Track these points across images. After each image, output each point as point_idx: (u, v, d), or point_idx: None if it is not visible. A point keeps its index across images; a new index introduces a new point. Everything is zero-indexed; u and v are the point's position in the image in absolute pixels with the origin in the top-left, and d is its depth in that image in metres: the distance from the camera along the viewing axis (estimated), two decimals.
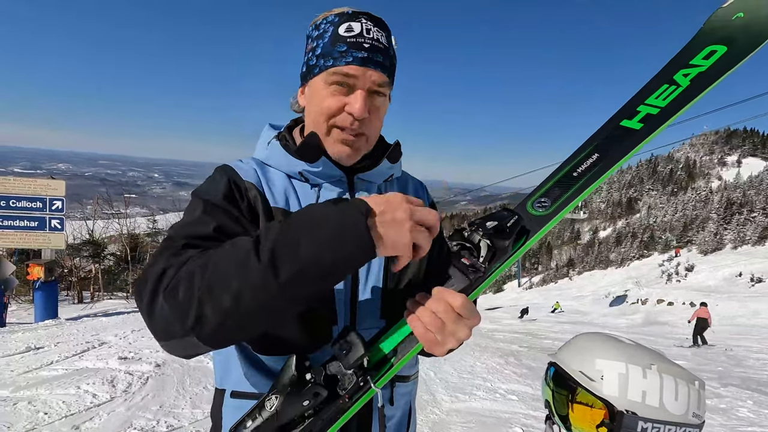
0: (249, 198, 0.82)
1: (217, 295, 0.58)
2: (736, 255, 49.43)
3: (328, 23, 0.82)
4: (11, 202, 8.56)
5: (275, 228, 0.61)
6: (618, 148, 0.78)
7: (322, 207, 0.62)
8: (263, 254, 0.58)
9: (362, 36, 0.80)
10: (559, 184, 0.79)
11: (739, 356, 10.17)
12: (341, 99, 0.81)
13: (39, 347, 5.37)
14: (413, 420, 1.01)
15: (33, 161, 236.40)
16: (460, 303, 0.65)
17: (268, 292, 0.58)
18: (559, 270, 70.11)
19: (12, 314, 9.89)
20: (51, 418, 3.30)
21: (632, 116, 0.80)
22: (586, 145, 0.81)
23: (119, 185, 32.93)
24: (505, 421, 3.96)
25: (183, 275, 0.61)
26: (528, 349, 8.28)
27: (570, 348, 1.09)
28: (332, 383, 0.70)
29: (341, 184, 0.90)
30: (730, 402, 5.13)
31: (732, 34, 0.80)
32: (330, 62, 0.80)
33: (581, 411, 1.00)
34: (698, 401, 0.96)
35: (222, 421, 0.87)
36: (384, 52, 0.82)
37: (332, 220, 0.59)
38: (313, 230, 0.59)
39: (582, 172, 0.78)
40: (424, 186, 1.08)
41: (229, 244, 0.63)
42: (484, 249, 0.70)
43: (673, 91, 0.79)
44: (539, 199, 0.79)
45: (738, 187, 69.78)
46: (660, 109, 0.78)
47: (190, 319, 0.59)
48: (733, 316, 23.55)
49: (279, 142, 0.90)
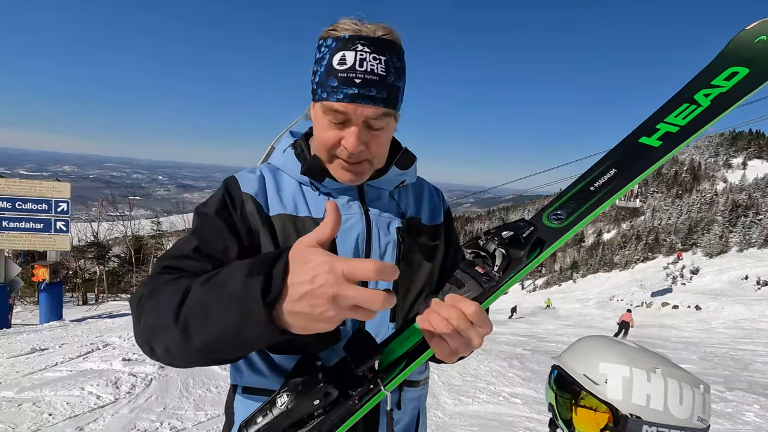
0: (244, 209, 0.84)
1: (157, 342, 0.64)
2: (742, 258, 49.07)
3: (326, 48, 0.79)
4: (17, 203, 8.63)
5: (196, 293, 0.61)
6: (636, 164, 0.78)
7: (235, 282, 0.57)
8: (180, 320, 0.60)
9: (353, 70, 0.76)
10: (575, 198, 0.80)
11: (746, 360, 10.08)
12: (337, 133, 0.80)
13: (44, 348, 5.39)
14: (422, 425, 1.01)
15: (39, 163, 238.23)
16: (473, 311, 0.65)
17: (187, 353, 0.62)
18: (562, 272, 69.84)
19: (17, 315, 9.97)
20: (55, 419, 3.32)
21: (651, 134, 0.81)
22: (604, 160, 0.82)
23: (124, 187, 33.27)
24: (509, 424, 3.95)
25: (145, 308, 0.67)
26: (532, 352, 8.24)
27: (574, 351, 1.09)
28: (343, 384, 0.70)
29: (351, 192, 0.91)
30: (736, 406, 5.09)
31: (754, 57, 0.81)
32: (324, 95, 0.79)
33: (585, 415, 0.99)
34: (703, 405, 0.95)
35: (234, 416, 0.90)
36: (379, 83, 0.77)
37: (237, 303, 0.55)
38: (220, 311, 0.57)
39: (599, 186, 0.78)
40: (439, 192, 1.08)
41: (170, 294, 0.64)
42: (499, 258, 0.71)
43: (693, 111, 0.80)
44: (555, 211, 0.79)
45: (743, 190, 69.37)
46: (680, 127, 0.79)
47: (147, 350, 0.67)
48: (739, 320, 23.39)
49: (294, 150, 0.92)
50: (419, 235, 0.95)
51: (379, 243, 0.89)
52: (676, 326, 24.77)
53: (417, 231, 0.95)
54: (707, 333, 20.73)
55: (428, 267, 0.94)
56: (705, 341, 15.79)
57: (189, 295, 0.62)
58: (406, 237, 0.92)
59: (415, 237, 0.93)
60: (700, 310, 31.48)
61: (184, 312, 0.60)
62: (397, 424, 0.92)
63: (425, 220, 0.99)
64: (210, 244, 0.79)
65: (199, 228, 0.82)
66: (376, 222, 0.90)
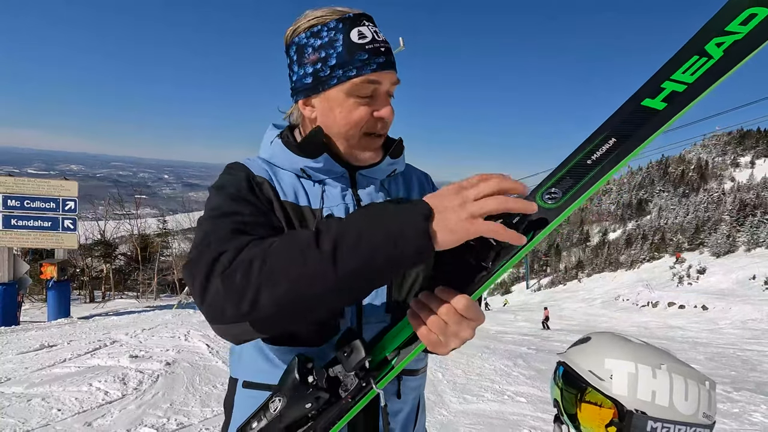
0: (263, 191, 0.83)
1: (275, 282, 0.59)
2: (750, 257, 48.63)
3: (331, 30, 0.80)
4: (25, 202, 8.73)
5: (335, 222, 0.61)
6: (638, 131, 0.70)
7: (383, 205, 0.63)
8: (324, 245, 0.58)
9: (376, 41, 0.80)
10: (571, 173, 0.72)
11: (753, 360, 9.99)
12: (367, 108, 0.82)
13: (52, 345, 5.45)
14: (421, 413, 1.01)
15: (47, 162, 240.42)
16: (463, 305, 0.64)
17: (326, 283, 0.58)
18: (568, 272, 69.53)
19: (25, 312, 10.07)
20: (64, 414, 3.36)
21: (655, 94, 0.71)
22: (602, 129, 0.73)
23: (130, 186, 33.53)
24: (513, 423, 3.94)
25: (241, 260, 0.61)
26: (536, 351, 8.23)
27: (579, 347, 1.09)
28: (334, 385, 0.71)
29: (344, 180, 0.90)
30: (743, 406, 5.05)
31: None
32: (353, 72, 0.79)
33: (590, 410, 0.99)
34: (708, 401, 0.95)
35: (233, 409, 0.91)
36: (391, 52, 0.84)
37: (394, 219, 0.59)
38: (375, 228, 0.59)
39: (597, 159, 0.70)
40: (428, 177, 1.08)
41: (288, 235, 0.64)
42: (488, 248, 0.67)
43: (704, 64, 0.70)
44: (549, 189, 0.72)
45: (751, 189, 68.69)
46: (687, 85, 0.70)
47: (245, 305, 0.59)
48: (747, 320, 23.18)
49: (281, 140, 0.91)
50: None
51: None
52: (683, 326, 24.57)
53: None
54: (714, 333, 20.57)
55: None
56: (712, 341, 15.67)
57: (323, 227, 0.61)
58: None
59: None
60: (707, 310, 31.23)
61: (328, 239, 0.59)
62: (398, 413, 0.92)
63: None
64: (262, 215, 0.76)
65: (239, 200, 0.78)
66: None
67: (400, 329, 0.74)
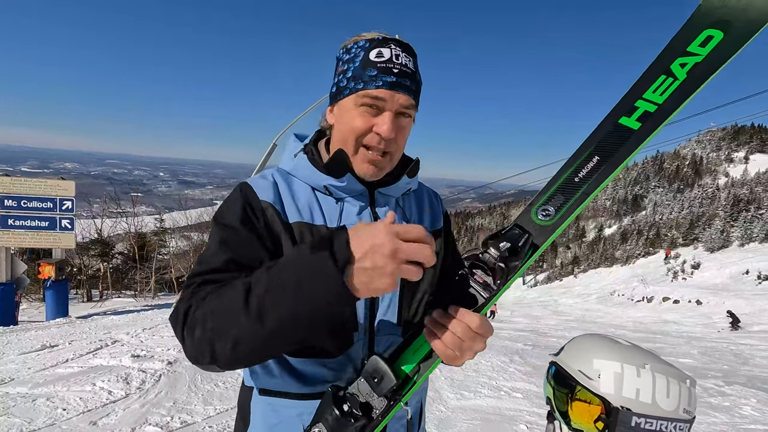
0: (266, 217, 0.87)
1: (222, 339, 0.67)
2: (743, 252, 49.03)
3: (359, 48, 0.87)
4: (22, 202, 8.72)
5: (262, 279, 0.66)
6: (618, 150, 0.75)
7: (303, 258, 0.64)
8: (252, 306, 0.65)
9: (391, 62, 0.85)
10: (561, 191, 0.78)
11: (746, 355, 10.15)
12: (370, 120, 0.86)
13: (53, 345, 5.49)
14: (423, 417, 1.08)
15: (41, 160, 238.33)
16: (477, 324, 0.71)
17: (259, 339, 0.66)
18: (564, 268, 69.86)
19: (23, 312, 10.08)
20: (69, 414, 3.41)
21: (630, 113, 0.77)
22: (585, 147, 0.78)
23: (126, 184, 33.29)
24: (510, 418, 4.03)
25: (198, 318, 0.71)
26: (533, 348, 8.33)
27: (570, 348, 1.16)
28: (367, 409, 0.77)
29: (363, 198, 0.96)
30: (734, 400, 5.16)
31: (728, 18, 0.74)
32: (360, 85, 0.85)
33: (580, 407, 1.07)
34: (689, 398, 1.02)
35: (251, 415, 0.94)
36: (411, 76, 0.87)
37: (310, 274, 0.62)
38: (293, 286, 0.63)
39: (584, 177, 0.76)
40: (438, 196, 1.15)
41: (230, 289, 0.70)
42: (499, 273, 0.74)
43: (670, 85, 0.75)
44: (543, 206, 0.78)
45: (745, 184, 69.15)
46: (657, 106, 0.75)
47: (207, 356, 0.70)
48: (740, 314, 23.43)
49: (306, 155, 0.95)
50: None
51: None
52: (677, 321, 24.82)
53: None
54: (708, 328, 20.81)
55: (431, 273, 1.00)
56: (705, 336, 15.88)
57: (253, 284, 0.66)
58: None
59: None
60: (701, 305, 31.53)
61: (255, 297, 0.65)
62: (403, 417, 0.97)
63: (427, 225, 1.05)
64: (243, 256, 0.81)
65: (226, 240, 0.83)
66: None
67: (418, 346, 0.80)
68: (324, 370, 0.89)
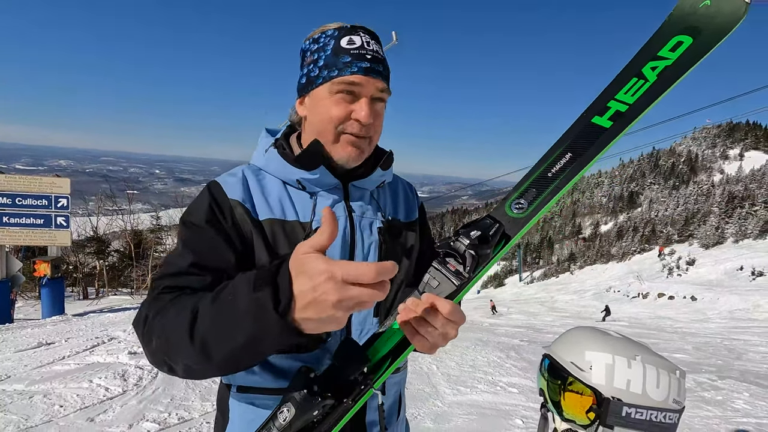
0: (234, 216, 0.86)
1: (174, 362, 0.68)
2: (738, 249, 49.42)
3: (328, 37, 0.87)
4: (17, 199, 8.68)
5: (206, 312, 0.64)
6: (589, 148, 0.79)
7: (244, 298, 0.60)
8: (196, 340, 0.63)
9: (364, 48, 0.86)
10: (534, 185, 0.81)
11: (739, 350, 10.25)
12: (347, 107, 0.86)
13: (50, 343, 5.49)
14: (403, 405, 1.08)
15: (35, 158, 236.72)
16: (449, 310, 0.69)
17: (209, 369, 0.66)
18: (560, 264, 70.18)
19: (19, 310, 10.04)
20: (66, 410, 3.42)
21: (603, 113, 0.81)
22: (559, 144, 0.82)
23: (121, 181, 33.29)
24: (506, 413, 4.07)
25: (154, 329, 0.70)
26: (529, 343, 8.38)
27: (562, 341, 1.18)
28: (338, 392, 0.76)
29: (337, 192, 0.95)
30: (727, 394, 5.21)
31: (698, 24, 0.79)
32: (335, 72, 0.85)
33: (572, 398, 1.09)
34: (678, 389, 1.04)
35: (229, 413, 0.93)
36: (383, 62, 0.89)
37: (252, 317, 0.58)
38: (234, 326, 0.60)
39: (556, 172, 0.79)
40: (413, 188, 1.16)
41: (180, 311, 0.68)
42: (469, 259, 0.74)
43: (641, 87, 0.79)
44: (517, 200, 0.81)
45: (740, 181, 69.61)
46: (629, 106, 0.79)
47: (165, 369, 0.71)
48: (734, 310, 23.68)
49: (277, 150, 0.94)
50: (398, 234, 1.02)
51: (362, 243, 0.94)
52: (672, 317, 25.01)
53: (396, 230, 1.01)
54: (702, 323, 20.98)
55: (406, 264, 1.01)
56: (700, 331, 16.00)
57: (199, 314, 0.65)
58: (387, 237, 0.97)
59: (395, 236, 1.00)
60: (695, 301, 31.79)
61: (199, 332, 0.63)
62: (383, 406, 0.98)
63: (402, 217, 1.06)
64: (206, 257, 0.80)
65: (191, 241, 0.83)
66: (359, 223, 0.95)
67: (392, 333, 0.80)
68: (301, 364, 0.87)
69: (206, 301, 0.65)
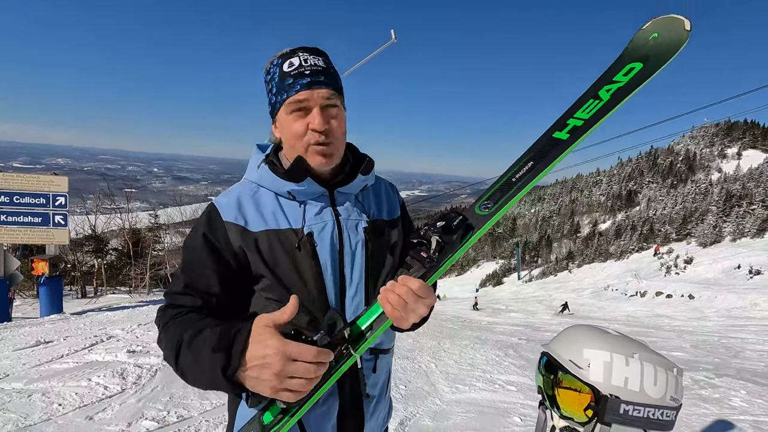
0: (228, 238, 0.98)
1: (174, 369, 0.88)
2: (735, 247, 49.51)
3: (274, 66, 0.99)
4: (15, 198, 8.66)
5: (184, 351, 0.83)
6: (547, 156, 0.93)
7: (204, 356, 0.79)
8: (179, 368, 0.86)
9: (302, 66, 0.96)
10: (500, 189, 0.96)
11: (736, 348, 10.28)
12: (304, 121, 0.97)
13: (48, 341, 5.48)
14: (390, 383, 1.20)
15: (32, 156, 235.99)
16: (417, 286, 0.84)
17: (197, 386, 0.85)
18: (558, 263, 70.26)
19: (17, 309, 10.02)
20: (65, 409, 3.42)
21: (562, 128, 0.95)
22: (524, 156, 0.97)
23: (119, 180, 33.27)
24: (504, 410, 4.08)
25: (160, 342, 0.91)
26: (527, 342, 8.40)
27: (560, 339, 1.19)
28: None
29: (324, 199, 1.06)
30: (724, 392, 5.24)
31: (647, 53, 0.94)
32: (284, 95, 0.97)
33: (570, 396, 1.09)
34: (676, 386, 1.05)
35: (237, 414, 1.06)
36: (324, 72, 0.98)
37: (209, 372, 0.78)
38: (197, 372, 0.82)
39: (519, 177, 0.95)
40: (394, 187, 1.25)
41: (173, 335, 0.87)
42: (433, 243, 0.89)
43: (596, 105, 0.94)
44: (484, 202, 0.96)
45: (738, 180, 69.71)
46: (584, 121, 0.93)
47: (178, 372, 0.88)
48: (731, 308, 23.74)
49: (267, 165, 1.05)
50: (383, 232, 1.12)
51: (350, 243, 1.04)
52: (670, 315, 25.07)
53: (380, 229, 1.11)
54: (700, 321, 21.04)
55: (391, 259, 1.11)
56: (697, 329, 16.04)
57: (181, 351, 0.84)
58: (372, 235, 1.07)
59: (379, 234, 1.10)
60: (693, 299, 31.86)
61: (179, 364, 0.85)
62: (376, 384, 1.11)
63: (385, 216, 1.15)
64: (196, 281, 0.96)
65: (187, 264, 0.98)
66: (346, 225, 1.05)
67: (373, 309, 0.91)
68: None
69: (188, 338, 0.83)
